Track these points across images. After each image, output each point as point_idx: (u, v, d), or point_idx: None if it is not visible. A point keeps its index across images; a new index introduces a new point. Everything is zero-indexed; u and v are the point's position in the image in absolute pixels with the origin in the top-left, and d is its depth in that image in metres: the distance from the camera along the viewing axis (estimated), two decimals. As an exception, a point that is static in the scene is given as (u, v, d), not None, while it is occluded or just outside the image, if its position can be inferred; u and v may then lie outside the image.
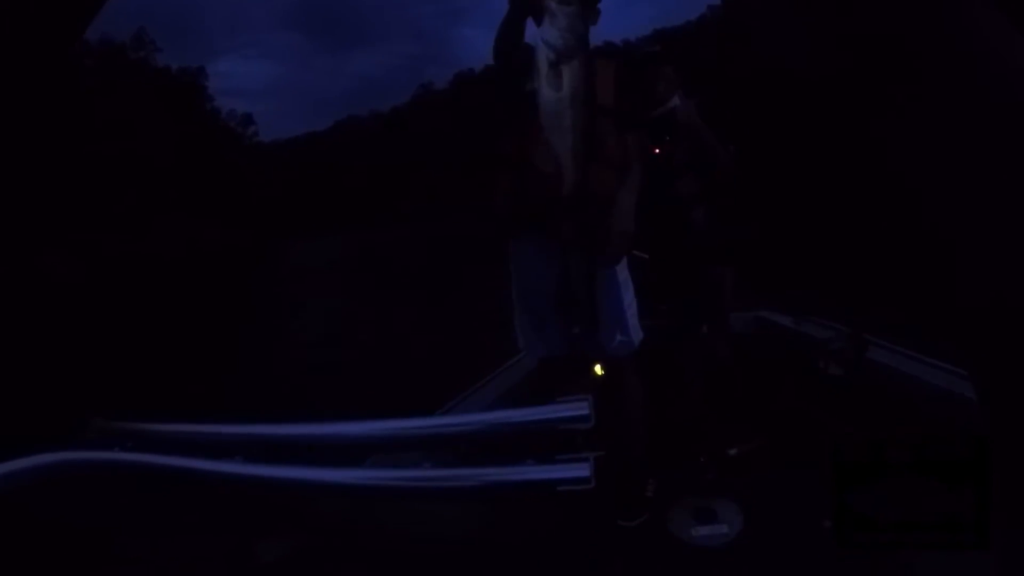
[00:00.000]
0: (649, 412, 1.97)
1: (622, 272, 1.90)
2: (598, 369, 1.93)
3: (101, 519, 0.86)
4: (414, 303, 9.43)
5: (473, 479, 0.70)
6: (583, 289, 1.77)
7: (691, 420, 2.26)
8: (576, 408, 0.70)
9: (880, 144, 0.48)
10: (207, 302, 13.44)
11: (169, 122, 39.36)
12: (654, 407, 1.97)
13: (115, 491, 0.84)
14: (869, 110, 0.49)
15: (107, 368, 7.08)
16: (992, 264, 0.49)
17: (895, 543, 1.21)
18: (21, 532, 0.80)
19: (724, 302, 2.37)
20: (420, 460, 0.73)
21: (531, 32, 1.59)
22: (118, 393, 5.57)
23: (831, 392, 2.13)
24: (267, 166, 54.24)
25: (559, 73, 1.34)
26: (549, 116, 1.40)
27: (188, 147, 40.01)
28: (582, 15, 1.34)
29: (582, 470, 0.68)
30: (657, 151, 2.20)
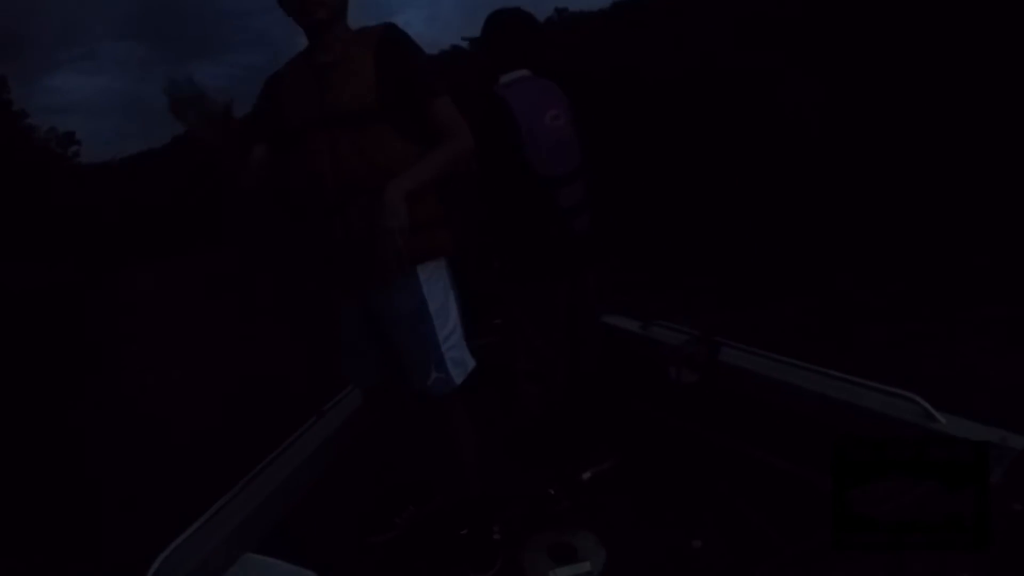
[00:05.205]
0: (480, 448, 1.70)
1: (437, 299, 1.51)
2: None
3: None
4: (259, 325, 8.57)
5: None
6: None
7: (533, 445, 2.01)
8: None
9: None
10: (35, 346, 11.30)
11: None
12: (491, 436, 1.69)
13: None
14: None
15: None
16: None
17: (895, 543, 1.06)
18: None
19: (595, 308, 2.16)
20: None
21: None
22: None
23: (686, 399, 1.99)
24: (92, 189, 47.45)
25: None
26: None
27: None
28: None
29: None
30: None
